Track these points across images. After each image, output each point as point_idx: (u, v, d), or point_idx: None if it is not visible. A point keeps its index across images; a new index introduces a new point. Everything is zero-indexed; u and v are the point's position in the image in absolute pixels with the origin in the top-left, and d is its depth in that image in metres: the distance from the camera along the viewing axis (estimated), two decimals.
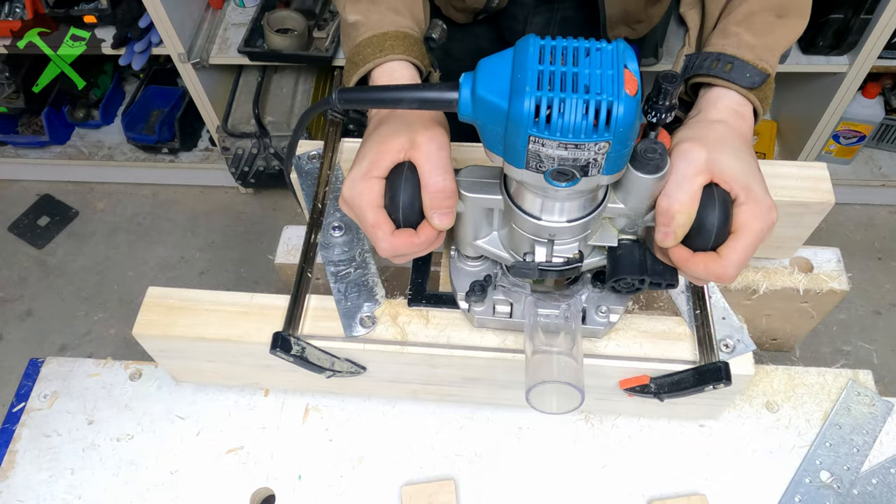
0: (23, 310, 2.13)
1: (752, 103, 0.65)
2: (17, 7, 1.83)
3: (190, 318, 0.75)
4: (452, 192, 0.58)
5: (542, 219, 0.57)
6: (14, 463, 0.82)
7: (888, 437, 0.79)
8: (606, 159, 0.48)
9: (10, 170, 2.40)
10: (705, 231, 0.57)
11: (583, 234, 0.59)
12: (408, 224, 0.59)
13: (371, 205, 0.58)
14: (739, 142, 0.61)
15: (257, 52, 1.84)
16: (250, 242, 2.25)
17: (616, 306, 0.70)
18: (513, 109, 0.47)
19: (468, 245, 0.67)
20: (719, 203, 0.57)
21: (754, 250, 0.57)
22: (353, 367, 0.75)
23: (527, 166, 0.50)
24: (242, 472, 0.81)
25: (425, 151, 0.57)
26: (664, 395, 0.70)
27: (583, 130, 0.46)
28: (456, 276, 0.72)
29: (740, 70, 0.64)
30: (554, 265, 0.60)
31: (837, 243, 0.90)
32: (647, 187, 0.56)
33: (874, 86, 1.98)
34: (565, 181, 0.50)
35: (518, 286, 0.70)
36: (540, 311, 0.67)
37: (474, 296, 0.68)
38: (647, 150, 0.54)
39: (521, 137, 0.48)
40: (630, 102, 0.46)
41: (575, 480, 0.79)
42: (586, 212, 0.57)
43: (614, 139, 0.47)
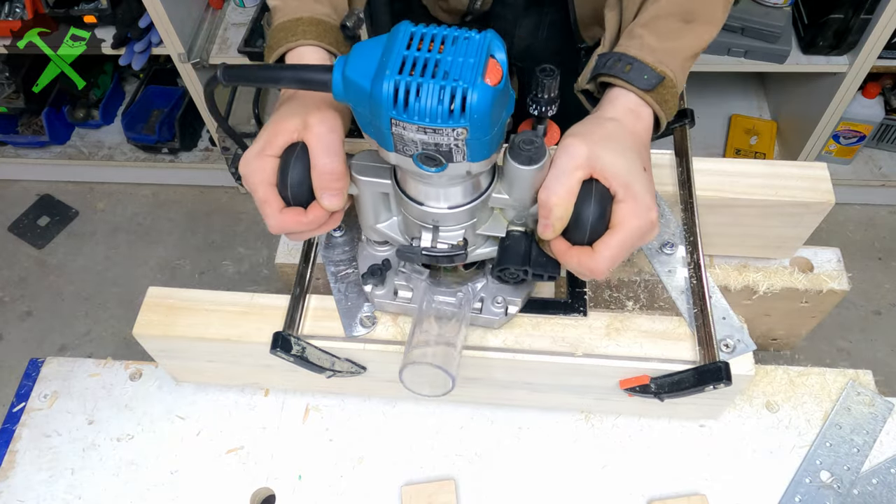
0: (23, 310, 2.13)
1: (649, 105, 0.65)
2: (17, 7, 1.83)
3: (190, 318, 0.75)
4: (341, 174, 0.59)
5: (425, 204, 0.59)
6: (14, 463, 0.82)
7: (888, 437, 0.79)
8: (468, 146, 0.50)
9: (10, 170, 2.40)
10: (581, 225, 0.58)
11: (468, 222, 0.61)
12: (297, 203, 0.60)
13: (262, 182, 0.60)
14: (629, 140, 0.62)
15: (257, 52, 1.84)
16: (250, 242, 2.25)
17: (514, 298, 0.71)
18: (374, 92, 0.48)
19: (370, 229, 0.68)
20: (595, 198, 0.58)
21: (629, 248, 0.59)
22: (353, 367, 0.75)
23: (395, 149, 0.52)
24: (242, 472, 0.81)
25: (316, 133, 0.59)
26: (664, 395, 0.70)
27: (439, 115, 0.47)
28: (362, 260, 0.74)
29: (639, 71, 0.64)
30: (438, 251, 0.62)
31: (837, 243, 0.90)
32: (526, 178, 0.57)
33: (874, 86, 1.98)
34: (434, 166, 0.52)
35: (418, 272, 0.71)
36: (436, 298, 0.69)
37: (372, 279, 0.70)
38: (524, 141, 0.56)
39: (384, 120, 0.49)
40: (486, 90, 0.47)
41: (575, 480, 0.79)
42: (469, 199, 0.59)
43: (471, 125, 0.48)
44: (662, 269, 0.75)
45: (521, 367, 0.73)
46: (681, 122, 0.82)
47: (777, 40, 1.75)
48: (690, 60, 0.68)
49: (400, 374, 0.63)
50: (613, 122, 0.63)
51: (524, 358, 0.72)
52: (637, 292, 0.85)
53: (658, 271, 0.75)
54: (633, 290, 0.86)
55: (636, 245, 0.59)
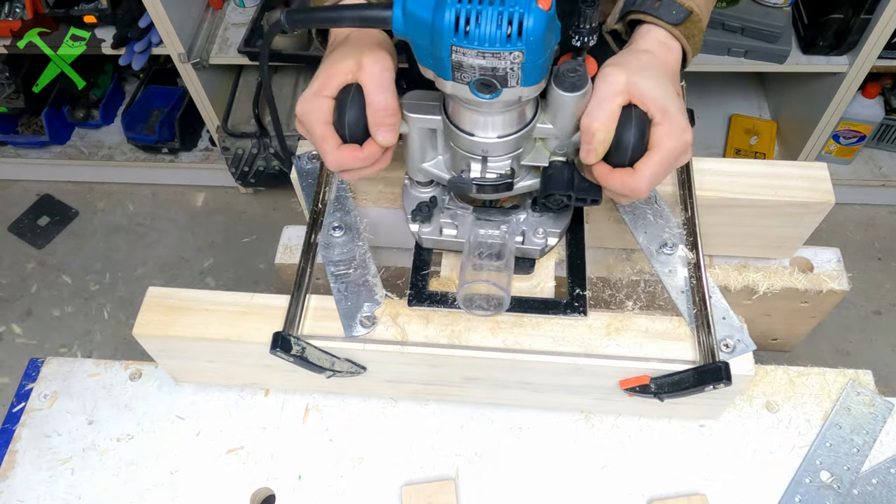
0: (23, 310, 2.13)
1: (677, 39, 0.69)
2: (17, 7, 1.83)
3: (190, 318, 0.75)
4: (395, 110, 0.63)
5: (475, 135, 0.62)
6: (14, 463, 0.82)
7: (888, 437, 0.79)
8: (522, 69, 0.53)
9: (10, 170, 2.40)
10: (622, 147, 0.62)
11: (514, 152, 0.65)
12: (354, 140, 0.64)
13: (319, 121, 0.63)
14: (662, 69, 0.66)
15: (257, 52, 1.84)
16: (250, 242, 2.25)
17: (553, 229, 0.75)
18: (436, 21, 0.52)
19: (416, 169, 0.71)
20: (636, 121, 0.61)
21: (668, 167, 0.62)
22: (353, 367, 0.75)
23: (453, 77, 0.55)
24: (242, 472, 0.81)
25: (370, 72, 0.62)
26: (664, 395, 0.70)
27: (497, 39, 0.51)
28: (407, 200, 0.77)
29: (667, 7, 0.68)
30: (487, 180, 0.65)
31: (837, 243, 0.90)
32: (570, 105, 0.61)
33: (874, 86, 1.98)
34: (489, 92, 0.55)
35: (464, 208, 0.76)
36: (480, 231, 0.73)
37: (420, 215, 0.74)
38: (568, 70, 0.59)
39: (444, 48, 0.52)
40: (540, 15, 0.51)
41: (575, 480, 0.79)
42: (516, 128, 0.62)
43: (527, 49, 0.51)
44: (662, 269, 0.75)
45: (521, 367, 0.73)
46: None
47: (777, 40, 1.75)
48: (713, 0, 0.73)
49: (458, 295, 0.68)
50: (647, 54, 0.67)
51: (524, 358, 0.72)
52: (637, 292, 0.85)
53: (658, 271, 0.75)
54: (633, 290, 0.86)
55: (673, 165, 0.63)
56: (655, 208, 0.79)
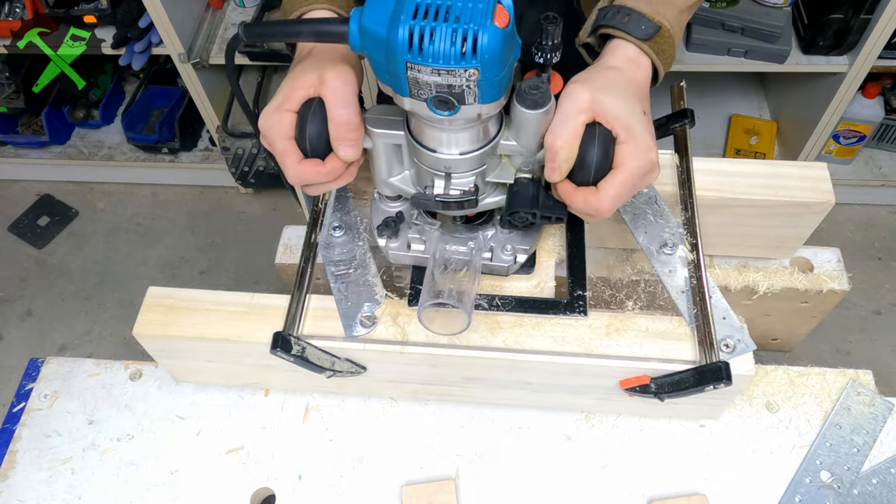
0: (23, 310, 2.13)
1: (647, 54, 0.68)
2: (17, 7, 1.83)
3: (190, 318, 0.75)
4: (357, 125, 0.62)
5: (437, 151, 0.62)
6: (14, 463, 0.82)
7: (888, 437, 0.79)
8: (479, 87, 0.53)
9: (10, 170, 2.40)
10: (585, 166, 0.61)
11: (478, 168, 0.64)
12: (315, 154, 0.63)
13: (281, 135, 0.63)
14: (629, 87, 0.65)
15: (257, 52, 1.84)
16: (250, 242, 2.25)
17: (522, 246, 0.74)
18: (390, 37, 0.51)
19: (383, 183, 0.71)
20: (599, 140, 0.60)
21: (632, 187, 0.62)
22: (353, 367, 0.75)
23: (410, 94, 0.54)
24: (242, 472, 0.81)
25: (332, 86, 0.61)
26: (664, 395, 0.70)
27: (452, 57, 0.51)
28: (375, 215, 0.76)
29: (636, 22, 0.67)
30: (451, 197, 0.65)
31: (837, 243, 0.90)
32: (532, 122, 0.60)
33: (874, 86, 1.98)
34: (446, 109, 0.55)
35: (430, 225, 0.75)
36: (448, 248, 0.73)
37: (387, 230, 0.74)
38: (530, 87, 0.59)
39: (399, 64, 0.52)
40: (495, 32, 0.50)
41: (575, 480, 0.79)
42: (479, 145, 0.62)
43: (482, 66, 0.51)
44: (662, 269, 0.75)
45: (522, 367, 0.73)
46: (681, 122, 0.82)
47: (777, 40, 1.75)
48: (686, 13, 0.72)
49: (419, 313, 0.67)
50: (614, 71, 0.66)
51: (524, 358, 0.72)
52: (637, 292, 0.85)
53: (658, 271, 0.75)
54: (633, 290, 0.86)
55: (638, 185, 0.62)
56: (655, 208, 0.79)
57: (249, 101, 2.09)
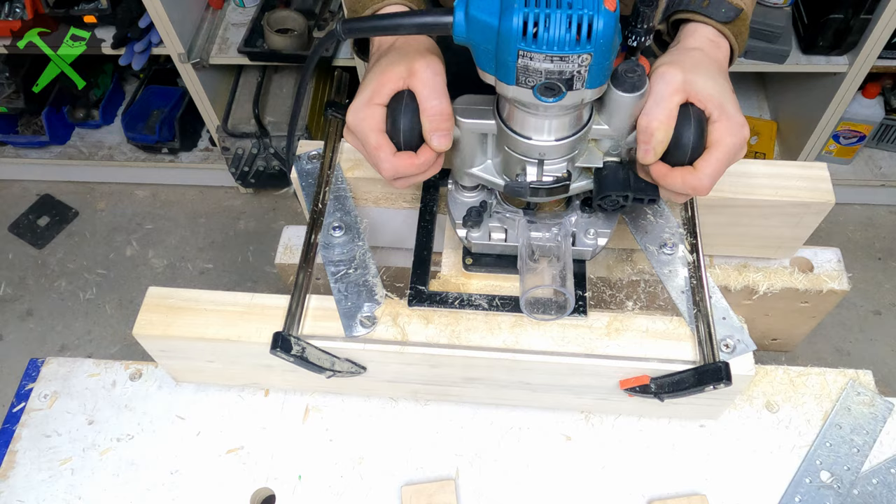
0: (23, 310, 2.13)
1: (726, 37, 0.69)
2: (17, 7, 1.83)
3: (190, 318, 0.75)
4: (449, 115, 0.62)
5: (532, 138, 0.61)
6: (14, 463, 0.82)
7: (888, 437, 0.79)
8: (589, 72, 0.53)
9: (10, 170, 2.40)
10: (682, 146, 0.61)
11: (570, 154, 0.64)
12: (408, 147, 0.63)
13: (373, 129, 0.63)
14: (714, 67, 0.66)
15: (257, 52, 1.84)
16: (250, 242, 2.25)
17: (604, 230, 0.74)
18: (503, 26, 0.51)
19: (464, 174, 0.70)
20: (694, 120, 0.61)
21: (727, 164, 0.62)
22: (353, 367, 0.75)
23: (517, 82, 0.54)
24: (242, 472, 0.81)
25: (422, 78, 0.62)
26: (664, 395, 0.70)
27: (567, 43, 0.51)
28: (454, 206, 0.76)
29: (716, 5, 0.68)
30: (544, 184, 0.64)
31: (837, 243, 0.90)
32: (628, 106, 0.60)
33: (874, 86, 1.98)
34: (552, 96, 0.55)
35: (512, 212, 0.74)
36: (532, 235, 0.72)
37: (471, 221, 0.73)
38: (627, 70, 0.59)
39: (511, 53, 0.52)
40: (609, 16, 0.50)
41: (575, 480, 0.79)
42: (573, 131, 0.61)
43: (595, 51, 0.51)
44: (662, 269, 0.75)
45: (521, 367, 0.73)
46: None
47: (777, 40, 1.75)
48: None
49: (521, 301, 0.68)
50: (698, 51, 0.67)
51: (524, 358, 0.72)
52: (637, 292, 0.85)
53: (658, 271, 0.75)
54: (633, 290, 0.86)
55: (732, 161, 0.63)
56: (655, 208, 0.79)
57: (249, 100, 2.09)
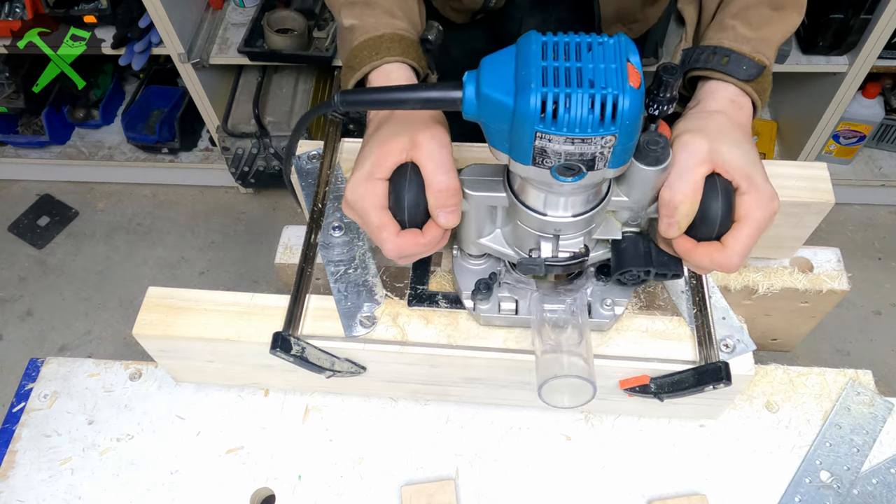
0: (23, 310, 2.13)
1: (749, 95, 0.65)
2: (17, 7, 1.83)
3: (190, 318, 0.75)
4: (457, 190, 0.57)
5: (547, 214, 0.57)
6: (14, 463, 0.82)
7: (888, 437, 0.79)
8: (613, 152, 0.49)
9: (10, 170, 2.40)
10: (709, 221, 0.57)
11: (588, 229, 0.60)
12: (413, 224, 0.59)
13: (375, 206, 0.58)
14: (739, 132, 0.62)
15: (257, 52, 1.84)
16: (250, 242, 2.25)
17: (621, 298, 0.70)
18: (519, 106, 0.47)
19: (472, 244, 0.67)
20: (722, 193, 0.57)
21: (757, 239, 0.58)
22: (353, 367, 0.75)
23: (533, 162, 0.50)
24: (242, 472, 0.81)
25: (427, 151, 0.57)
26: (664, 395, 0.70)
27: (589, 124, 0.47)
28: (460, 274, 0.72)
29: (737, 63, 0.64)
30: (560, 260, 0.60)
31: (837, 243, 0.90)
32: (650, 179, 0.56)
33: (874, 86, 1.98)
34: (571, 176, 0.51)
35: (523, 283, 0.70)
36: (546, 307, 0.67)
37: (480, 294, 0.69)
38: (649, 142, 0.54)
39: (527, 134, 0.48)
40: (635, 95, 0.47)
41: (575, 480, 0.79)
42: (591, 206, 0.57)
43: (620, 132, 0.47)
44: None
45: (522, 367, 0.73)
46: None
47: None
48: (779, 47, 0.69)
49: (539, 390, 0.61)
50: (721, 115, 0.63)
51: (524, 358, 0.72)
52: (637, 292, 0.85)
53: None
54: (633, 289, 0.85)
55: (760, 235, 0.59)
56: None
57: (249, 100, 2.09)
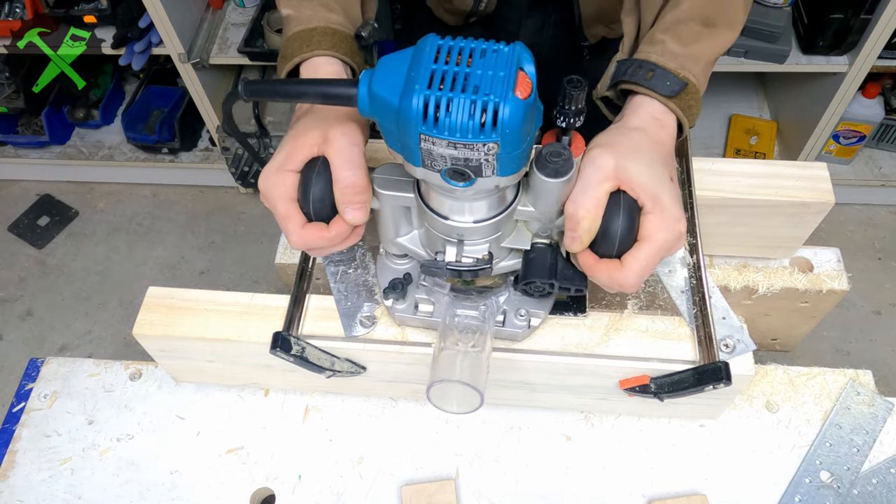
0: (23, 310, 2.13)
1: (672, 112, 0.64)
2: (17, 7, 1.83)
3: (190, 318, 0.75)
4: (364, 188, 0.58)
5: (449, 218, 0.58)
6: (14, 463, 0.82)
7: (888, 437, 0.79)
8: (498, 160, 0.49)
9: (10, 170, 2.40)
10: (609, 238, 0.57)
11: (493, 236, 0.60)
12: (319, 218, 0.59)
13: (282, 197, 0.59)
14: (655, 151, 0.61)
15: (257, 52, 1.84)
16: (250, 242, 2.25)
17: (537, 310, 0.70)
18: (402, 107, 0.47)
19: (390, 242, 0.67)
20: (624, 210, 0.57)
21: (658, 260, 0.57)
22: (353, 367, 0.75)
23: (423, 164, 0.51)
24: (242, 472, 0.81)
25: (337, 147, 0.58)
26: (664, 395, 0.70)
27: (469, 130, 0.46)
28: (381, 273, 0.73)
29: (661, 78, 0.63)
30: (462, 265, 0.61)
31: (837, 243, 0.90)
32: (553, 191, 0.56)
33: (874, 86, 1.98)
34: (462, 181, 0.51)
35: (439, 286, 0.70)
36: (458, 312, 0.67)
37: (393, 293, 0.70)
38: (551, 153, 0.55)
39: (412, 135, 0.48)
40: (517, 104, 0.46)
41: (575, 480, 0.79)
42: (494, 213, 0.58)
43: (502, 140, 0.47)
44: (662, 269, 0.75)
45: (521, 367, 0.73)
46: None
47: (777, 40, 1.75)
48: (711, 65, 0.68)
49: (427, 391, 0.61)
50: (639, 132, 0.62)
51: (524, 358, 0.72)
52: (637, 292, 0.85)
53: (658, 271, 0.75)
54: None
55: (664, 256, 0.58)
56: None
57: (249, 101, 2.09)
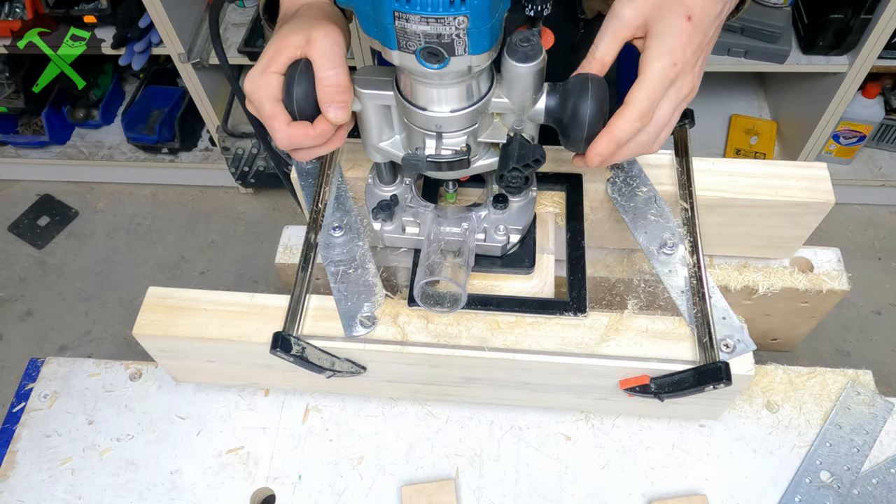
0: (23, 310, 2.13)
1: None
2: (17, 7, 1.83)
3: (190, 318, 0.75)
4: (346, 87, 0.61)
5: (427, 109, 0.61)
6: (14, 463, 0.82)
7: (888, 437, 0.79)
8: (469, 36, 0.52)
9: (10, 170, 2.40)
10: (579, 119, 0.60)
11: (470, 127, 0.63)
12: (303, 117, 0.62)
13: (268, 97, 0.61)
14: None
15: (257, 52, 1.84)
16: (250, 242, 2.25)
17: (515, 226, 0.75)
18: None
19: (373, 148, 0.70)
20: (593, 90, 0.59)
21: (660, 94, 0.59)
22: (353, 367, 0.75)
23: (399, 46, 0.54)
24: (242, 472, 0.81)
25: (320, 47, 0.60)
26: (664, 395, 0.70)
27: (440, 4, 0.50)
28: (370, 198, 0.77)
29: None
30: (441, 157, 0.64)
31: (837, 243, 0.90)
32: (524, 77, 0.59)
33: (874, 86, 1.98)
34: (436, 62, 0.54)
35: (425, 206, 0.76)
36: (442, 229, 0.73)
37: (382, 213, 0.74)
38: (521, 39, 0.57)
39: (387, 14, 0.51)
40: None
41: (575, 480, 0.79)
42: (470, 102, 0.61)
43: (472, 13, 0.50)
44: (662, 269, 0.75)
45: (521, 367, 0.73)
46: (680, 122, 0.82)
47: (777, 40, 1.75)
48: None
49: (414, 290, 0.67)
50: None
51: (524, 358, 0.72)
52: (637, 292, 0.85)
53: (658, 271, 0.75)
54: (633, 290, 0.86)
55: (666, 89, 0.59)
56: (655, 208, 0.79)
57: None
